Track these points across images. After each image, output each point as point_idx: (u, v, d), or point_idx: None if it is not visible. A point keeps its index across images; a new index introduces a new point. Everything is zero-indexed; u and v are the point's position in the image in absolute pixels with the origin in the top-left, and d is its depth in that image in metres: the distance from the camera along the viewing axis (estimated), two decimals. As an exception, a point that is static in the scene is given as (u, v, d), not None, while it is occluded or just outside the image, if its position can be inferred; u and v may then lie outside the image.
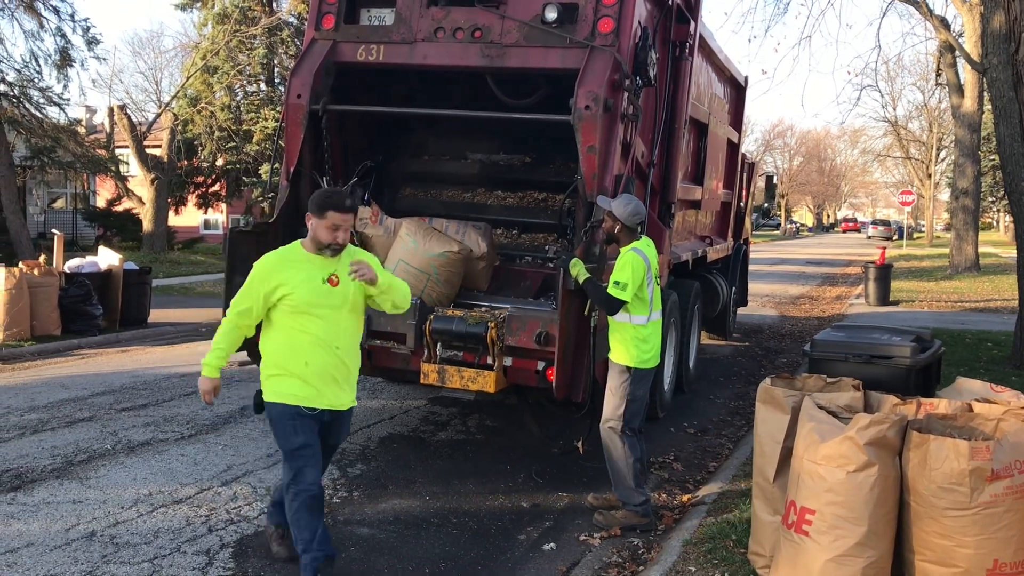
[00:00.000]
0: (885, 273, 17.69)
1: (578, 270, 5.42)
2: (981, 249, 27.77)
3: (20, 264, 11.76)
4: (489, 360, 5.93)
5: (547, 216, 7.45)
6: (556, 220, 7.22)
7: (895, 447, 3.92)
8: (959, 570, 3.76)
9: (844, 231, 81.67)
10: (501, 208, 7.69)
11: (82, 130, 24.64)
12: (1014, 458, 3.77)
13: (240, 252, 6.59)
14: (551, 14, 6.34)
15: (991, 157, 32.75)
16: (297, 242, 4.32)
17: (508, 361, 5.98)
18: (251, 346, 6.64)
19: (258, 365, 6.90)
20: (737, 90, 11.33)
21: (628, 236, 5.40)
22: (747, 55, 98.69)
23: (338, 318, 4.22)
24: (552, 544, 5.23)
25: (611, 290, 5.23)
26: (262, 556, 4.82)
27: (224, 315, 4.51)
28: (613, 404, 5.35)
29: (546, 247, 7.17)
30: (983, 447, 3.72)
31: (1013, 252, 10.83)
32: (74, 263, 12.64)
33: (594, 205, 6.10)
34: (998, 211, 55.37)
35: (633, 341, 5.25)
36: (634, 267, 5.21)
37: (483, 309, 6.34)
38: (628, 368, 5.30)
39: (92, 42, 22.18)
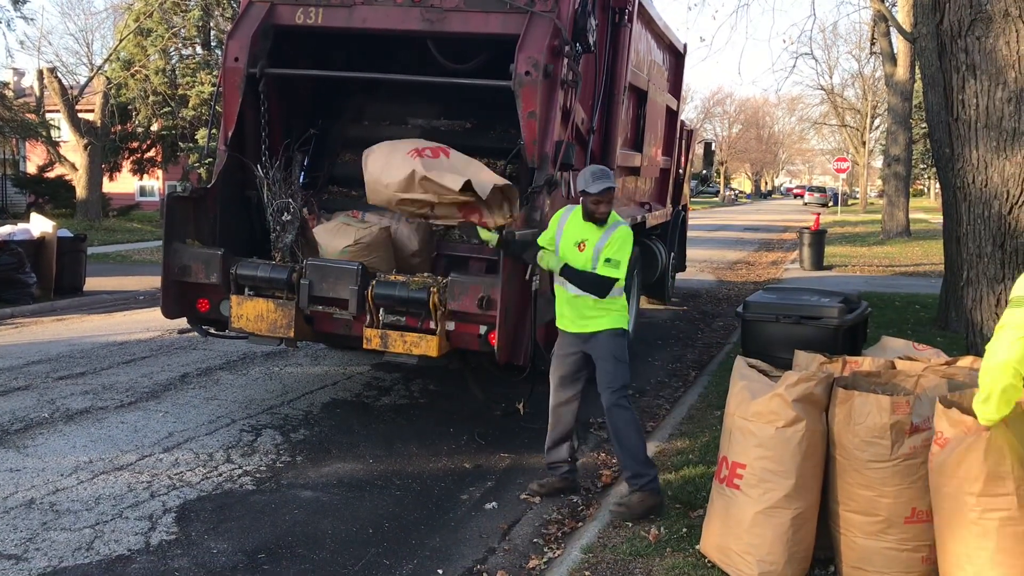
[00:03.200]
0: (819, 239, 18.11)
1: (547, 261, 5.12)
2: (912, 215, 28.53)
3: (-52, 231, 11.45)
4: (432, 325, 5.98)
5: None
6: None
7: (822, 403, 4.08)
8: (880, 518, 3.95)
9: (798, 196, 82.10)
10: None
11: (10, 93, 23.86)
12: (932, 412, 3.95)
13: (177, 217, 6.54)
14: (491, -22, 6.34)
15: (922, 125, 33.50)
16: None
17: (451, 326, 6.04)
18: (191, 313, 6.65)
19: (200, 334, 6.92)
20: (676, 57, 11.44)
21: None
22: (686, 22, 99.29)
23: None
24: (494, 503, 5.34)
25: (606, 270, 4.94)
26: (205, 520, 4.85)
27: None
28: (623, 371, 5.08)
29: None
30: (903, 402, 3.90)
31: (942, 218, 11.18)
32: (5, 230, 12.34)
33: (535, 171, 6.16)
34: (929, 178, 56.78)
35: (623, 306, 5.18)
36: (631, 243, 5.11)
37: (425, 275, 6.38)
38: (625, 331, 5.18)
39: (18, 1, 21.47)
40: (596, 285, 4.96)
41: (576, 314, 5.11)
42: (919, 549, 3.91)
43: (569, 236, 5.13)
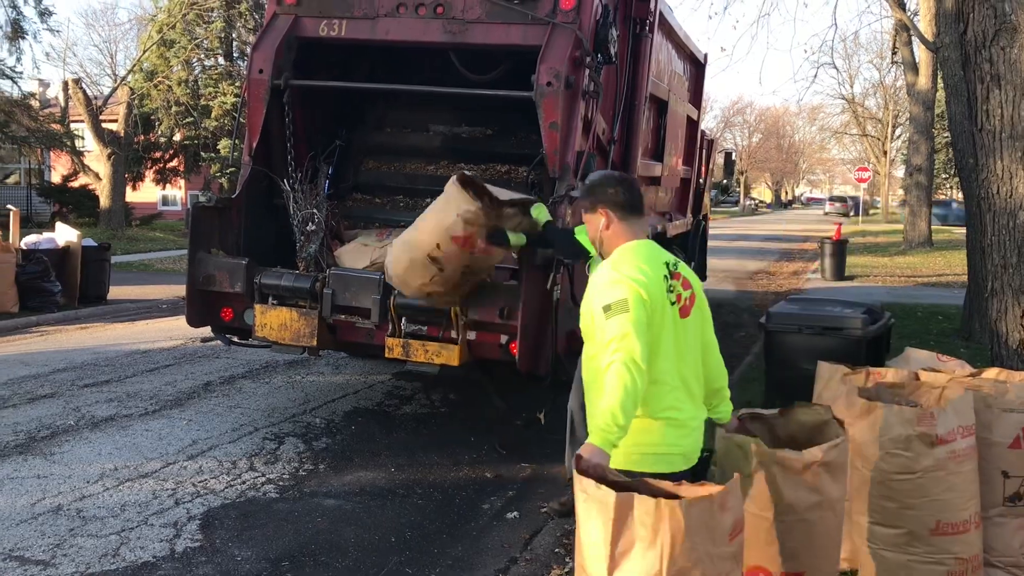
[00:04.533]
0: (841, 248, 18.04)
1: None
2: (934, 225, 28.31)
3: (-25, 241, 11.60)
4: (453, 334, 6.00)
5: (511, 189, 7.51)
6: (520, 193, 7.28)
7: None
8: (904, 531, 3.93)
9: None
10: None
11: (36, 104, 24.15)
12: (957, 424, 3.93)
13: (203, 227, 6.60)
14: (513, -9, 6.38)
15: (944, 134, 33.30)
16: None
17: (472, 335, 6.06)
18: (215, 322, 6.70)
19: (224, 342, 6.97)
20: (696, 67, 11.44)
21: None
22: (706, 32, 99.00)
23: None
24: (515, 513, 5.36)
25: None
26: (229, 528, 4.89)
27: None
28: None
29: None
30: (928, 414, 3.89)
31: (964, 228, 11.11)
32: (31, 239, 12.48)
33: (556, 181, 6.18)
34: (951, 188, 56.35)
35: None
36: None
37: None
38: None
39: (45, 14, 21.75)
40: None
41: None
42: (944, 562, 3.88)
43: None
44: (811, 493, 3.39)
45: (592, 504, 2.53)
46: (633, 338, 2.90)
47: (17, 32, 21.04)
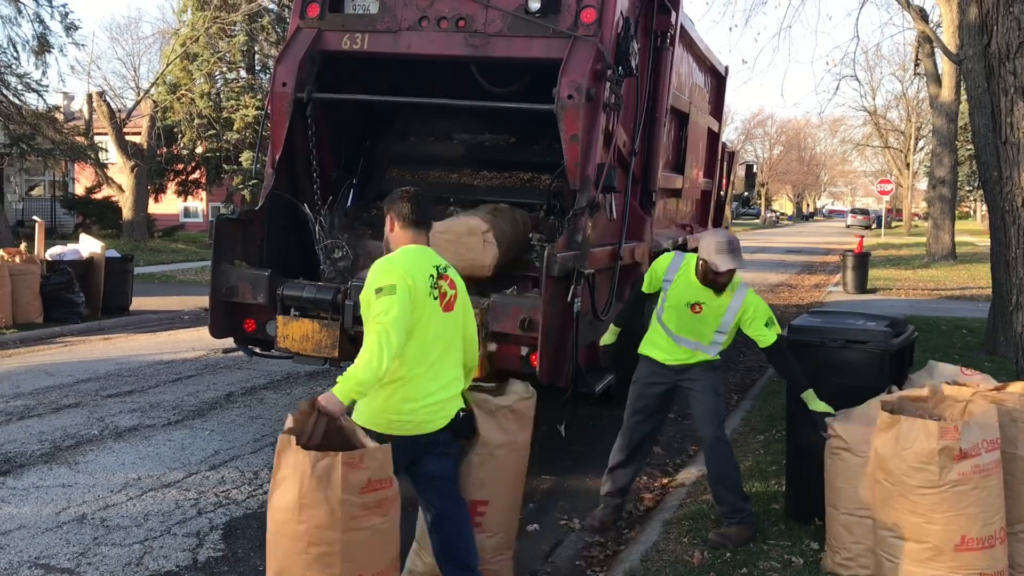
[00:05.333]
0: (863, 261, 17.93)
1: (816, 404, 4.65)
2: (958, 238, 28.11)
3: (1, 252, 11.73)
4: (474, 346, 6.00)
5: (534, 196, 7.55)
6: (543, 201, 7.31)
7: None
8: (928, 546, 3.90)
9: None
10: (487, 189, 7.78)
11: (60, 117, 24.46)
12: (981, 438, 3.91)
13: (226, 239, 6.65)
14: (534, 4, 6.41)
15: (968, 147, 33.08)
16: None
17: (492, 347, 6.06)
18: (238, 333, 6.74)
19: (246, 353, 7.01)
20: (717, 79, 11.45)
21: None
22: (727, 44, 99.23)
23: None
24: (536, 525, 5.34)
25: (771, 334, 4.75)
26: (251, 538, 4.91)
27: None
28: (722, 405, 5.00)
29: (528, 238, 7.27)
30: (952, 427, 3.86)
31: (988, 241, 11.03)
32: (56, 251, 12.62)
33: (577, 193, 6.19)
34: (975, 200, 55.95)
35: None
36: None
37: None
38: (719, 364, 5.06)
39: (70, 28, 22.04)
40: (784, 352, 4.84)
41: (673, 346, 4.96)
42: None
43: (681, 292, 4.89)
44: (501, 433, 4.09)
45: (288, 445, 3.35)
46: (394, 316, 3.52)
47: (43, 46, 21.33)
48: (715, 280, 4.77)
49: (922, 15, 23.07)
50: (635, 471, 5.31)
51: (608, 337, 5.33)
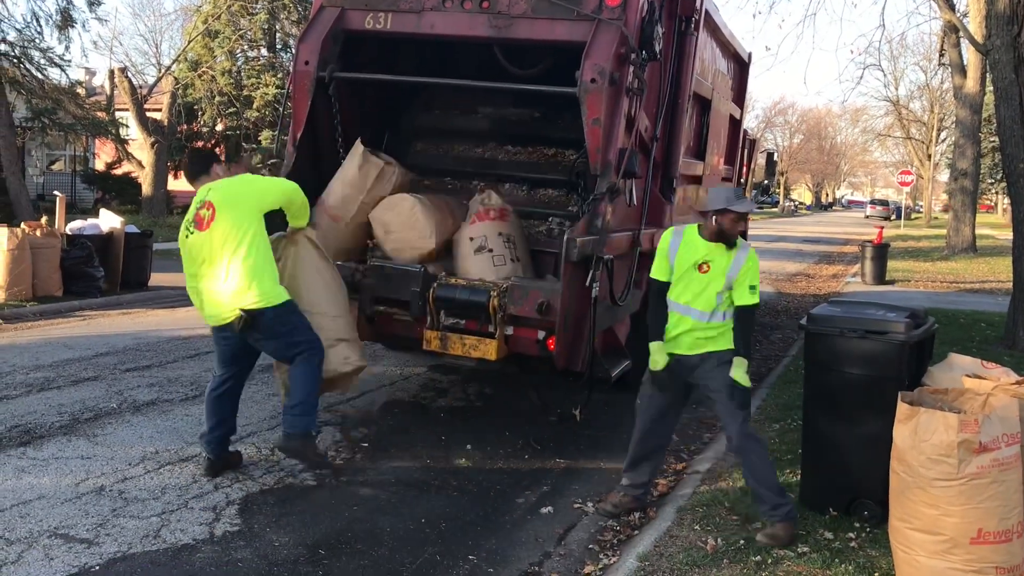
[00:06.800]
0: (882, 252, 17.81)
1: (739, 374, 4.71)
2: (979, 231, 27.86)
3: (22, 225, 11.81)
4: (491, 328, 6.02)
5: (557, 172, 7.55)
6: (566, 177, 7.31)
7: None
8: (945, 538, 3.89)
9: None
10: (511, 164, 7.80)
11: (82, 92, 24.54)
12: (1001, 431, 3.89)
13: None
14: (559, -14, 6.37)
15: (991, 139, 32.76)
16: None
17: (509, 330, 6.07)
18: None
19: None
20: (740, 66, 11.34)
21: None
22: (751, 31, 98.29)
23: None
24: (550, 508, 5.36)
25: (752, 297, 4.76)
26: (267, 513, 4.95)
27: None
28: (748, 397, 4.81)
29: (547, 221, 7.27)
30: (972, 420, 3.84)
31: (1010, 234, 10.93)
32: (76, 225, 12.70)
33: (598, 178, 6.17)
34: (997, 193, 55.43)
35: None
36: None
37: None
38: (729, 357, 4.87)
39: (93, 3, 22.07)
40: (754, 322, 4.87)
41: (692, 338, 4.86)
42: (985, 571, 3.85)
43: (686, 256, 4.85)
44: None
45: None
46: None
47: (67, 21, 21.36)
48: (730, 231, 4.79)
49: (949, 4, 22.77)
50: (656, 465, 5.31)
51: (660, 359, 4.89)
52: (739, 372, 4.71)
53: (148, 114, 25.26)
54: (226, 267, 5.08)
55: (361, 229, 6.61)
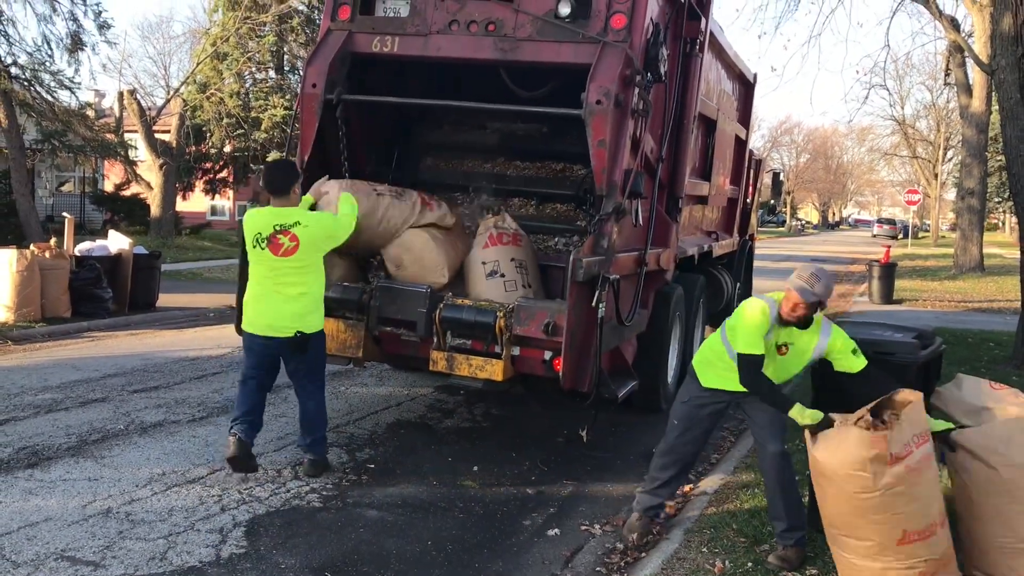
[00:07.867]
0: (889, 272, 17.78)
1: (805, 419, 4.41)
2: (986, 250, 27.82)
3: (32, 246, 11.87)
4: (497, 349, 6.03)
5: (565, 187, 7.58)
6: (575, 192, 7.34)
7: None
8: (873, 543, 4.08)
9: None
10: (520, 179, 7.85)
11: (92, 114, 24.69)
12: (911, 434, 4.04)
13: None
14: (564, 9, 6.42)
15: (998, 158, 32.74)
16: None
17: (516, 350, 6.08)
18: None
19: None
20: (746, 87, 11.40)
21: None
22: (757, 52, 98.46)
23: None
24: (556, 530, 5.34)
25: (861, 361, 4.62)
26: (274, 535, 4.95)
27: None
28: (783, 420, 4.70)
29: (554, 241, 7.29)
30: (881, 436, 3.97)
31: (1017, 253, 10.90)
32: (84, 246, 12.75)
33: (604, 198, 6.19)
34: (1004, 212, 55.33)
35: None
36: None
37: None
38: None
39: (103, 26, 22.21)
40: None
41: (728, 369, 4.78)
42: (915, 566, 4.06)
43: (771, 336, 4.68)
44: None
45: None
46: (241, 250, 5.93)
47: (77, 44, 21.51)
48: (803, 316, 4.57)
49: (954, 24, 22.87)
50: (677, 487, 5.30)
51: (811, 415, 4.40)
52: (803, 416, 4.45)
53: (157, 136, 25.39)
54: (297, 292, 5.60)
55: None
